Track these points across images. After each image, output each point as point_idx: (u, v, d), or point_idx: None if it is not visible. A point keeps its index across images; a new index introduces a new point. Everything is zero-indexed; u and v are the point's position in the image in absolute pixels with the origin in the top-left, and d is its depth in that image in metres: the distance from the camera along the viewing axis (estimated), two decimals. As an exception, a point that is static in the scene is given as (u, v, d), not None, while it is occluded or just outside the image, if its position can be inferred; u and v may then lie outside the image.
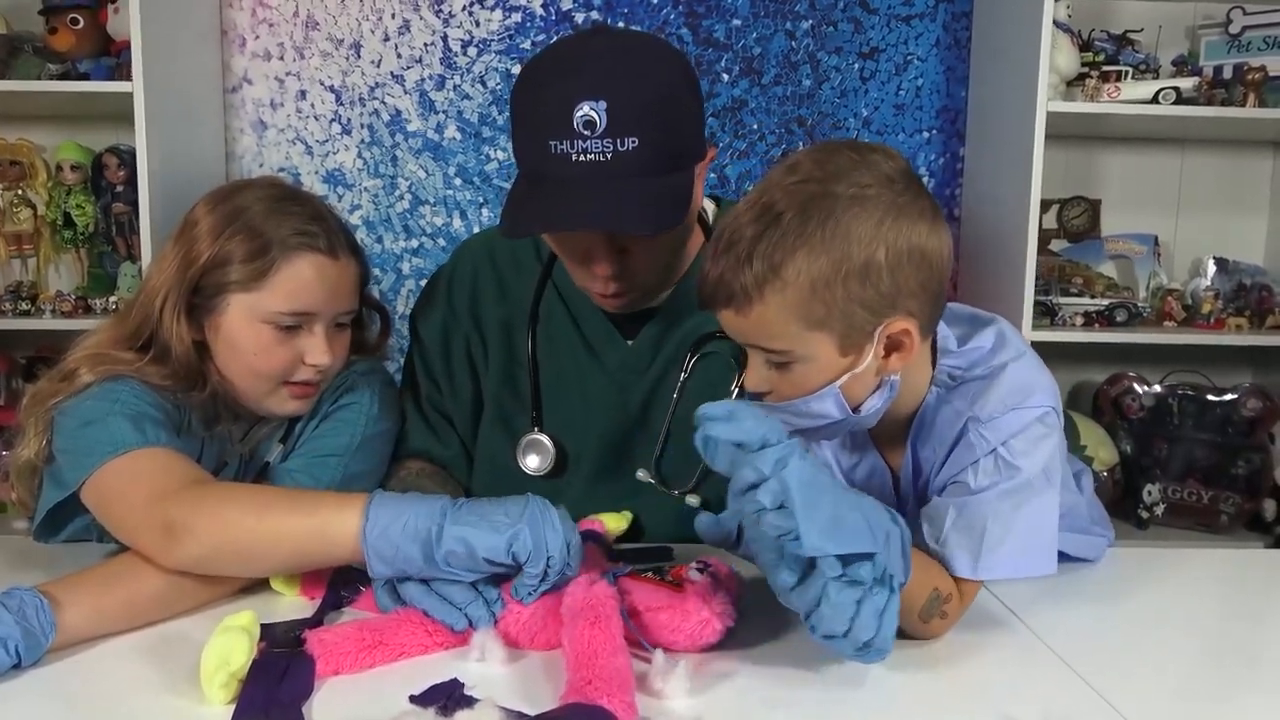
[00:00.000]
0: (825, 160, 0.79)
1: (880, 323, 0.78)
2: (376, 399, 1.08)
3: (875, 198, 0.77)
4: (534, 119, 0.95)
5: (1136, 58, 2.11)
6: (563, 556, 0.79)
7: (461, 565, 0.79)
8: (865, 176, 0.78)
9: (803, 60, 2.27)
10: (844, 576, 0.68)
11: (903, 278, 0.78)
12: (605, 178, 0.92)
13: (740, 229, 0.79)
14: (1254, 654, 0.84)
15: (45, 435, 0.96)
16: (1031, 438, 0.82)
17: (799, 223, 0.76)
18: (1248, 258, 2.30)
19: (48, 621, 0.76)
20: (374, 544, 0.80)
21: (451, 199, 2.27)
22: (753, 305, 0.78)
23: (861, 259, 0.76)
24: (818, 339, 0.79)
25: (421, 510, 0.80)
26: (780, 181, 0.79)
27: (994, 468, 0.81)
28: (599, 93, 0.91)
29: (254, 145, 2.24)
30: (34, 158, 2.15)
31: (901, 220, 0.77)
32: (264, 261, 0.97)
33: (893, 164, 0.80)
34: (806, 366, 0.80)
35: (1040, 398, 0.83)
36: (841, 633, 0.69)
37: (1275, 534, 2.10)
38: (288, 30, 2.21)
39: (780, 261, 0.76)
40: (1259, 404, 2.11)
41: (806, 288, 0.76)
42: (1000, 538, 0.80)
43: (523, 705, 0.67)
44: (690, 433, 1.09)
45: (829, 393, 0.80)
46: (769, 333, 0.79)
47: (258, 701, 0.68)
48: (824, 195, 0.77)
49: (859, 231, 0.76)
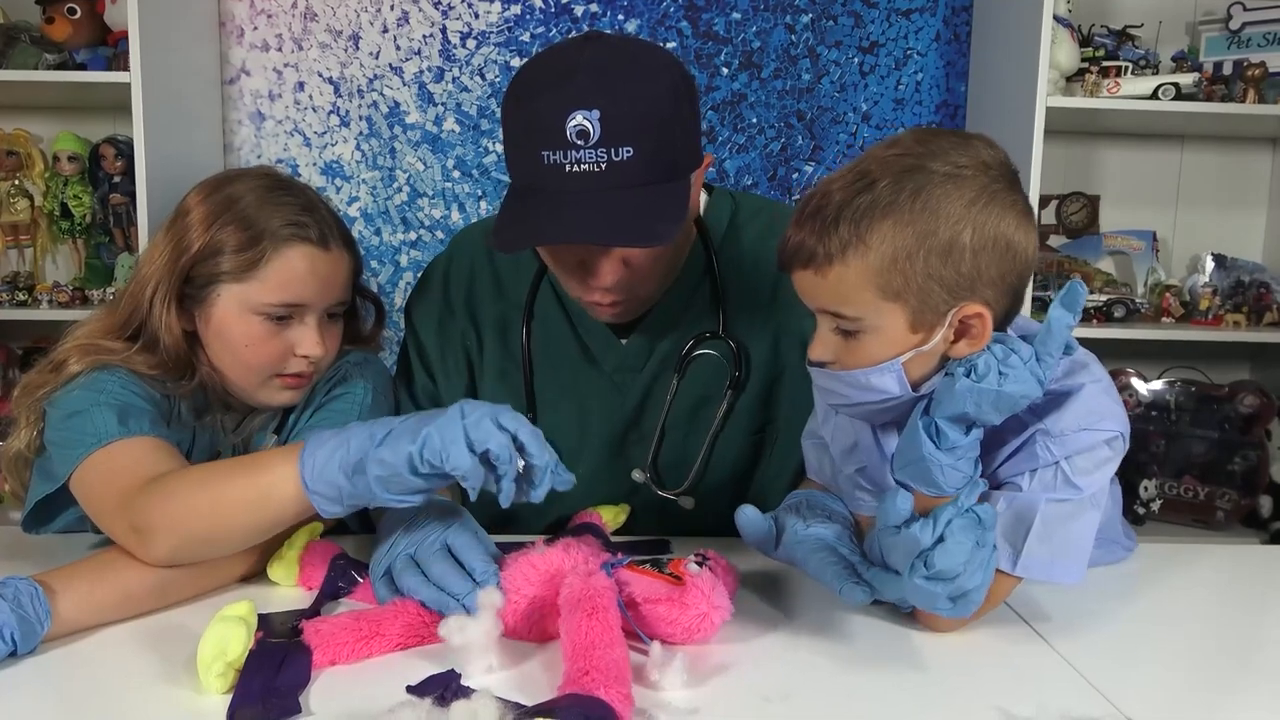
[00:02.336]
0: (927, 139, 0.80)
1: (955, 304, 0.78)
2: (370, 389, 1.07)
3: (970, 179, 0.77)
4: (525, 129, 0.93)
5: (1136, 53, 2.11)
6: (501, 446, 0.76)
7: (398, 488, 0.77)
8: (963, 158, 0.78)
9: (802, 54, 2.27)
10: (970, 511, 0.72)
11: (984, 263, 0.77)
12: (599, 189, 0.90)
13: (830, 194, 0.79)
14: (1250, 650, 0.84)
15: (36, 426, 0.96)
16: (1096, 459, 0.82)
17: (891, 191, 0.77)
18: (1246, 254, 2.30)
19: (43, 610, 0.76)
20: (314, 487, 0.80)
21: (450, 191, 2.26)
22: (832, 265, 0.78)
23: (947, 236, 0.76)
24: (891, 310, 0.78)
25: (353, 441, 0.79)
26: (878, 154, 0.80)
27: (1052, 480, 0.81)
28: (592, 102, 0.89)
29: (252, 137, 2.23)
30: (31, 148, 2.14)
31: (992, 206, 0.77)
32: (255, 252, 0.96)
33: (993, 153, 0.80)
34: (874, 338, 0.80)
35: (1112, 423, 0.82)
36: (954, 573, 0.71)
37: (1271, 530, 2.11)
38: (286, 21, 2.21)
39: (867, 227, 0.77)
40: (1256, 400, 2.11)
41: (889, 256, 0.76)
42: (1042, 540, 0.81)
43: (519, 696, 0.67)
44: (684, 433, 1.12)
45: (891, 367, 0.80)
46: (844, 296, 0.79)
47: (254, 691, 0.68)
48: (919, 169, 0.77)
49: (948, 209, 0.76)
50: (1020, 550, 0.81)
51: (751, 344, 1.12)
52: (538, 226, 0.93)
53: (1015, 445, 0.84)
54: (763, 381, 1.12)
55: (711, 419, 1.11)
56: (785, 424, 1.13)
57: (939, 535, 0.72)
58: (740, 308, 1.12)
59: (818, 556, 0.83)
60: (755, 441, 1.13)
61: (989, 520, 0.73)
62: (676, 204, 0.95)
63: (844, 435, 0.93)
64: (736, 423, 1.12)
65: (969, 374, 0.74)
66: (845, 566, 0.81)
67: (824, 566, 0.82)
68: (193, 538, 0.84)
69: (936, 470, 0.76)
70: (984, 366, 0.74)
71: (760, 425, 1.13)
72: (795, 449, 1.12)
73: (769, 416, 1.13)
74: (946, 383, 0.76)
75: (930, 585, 0.72)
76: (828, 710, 0.71)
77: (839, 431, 0.94)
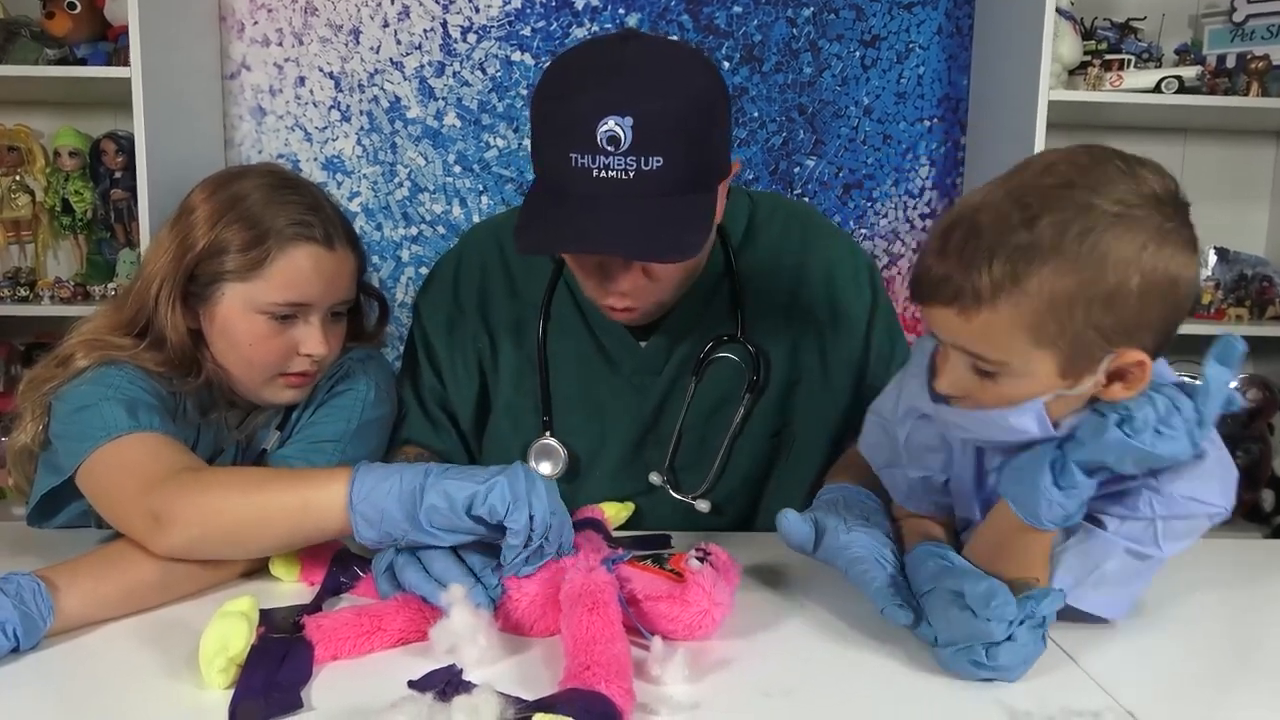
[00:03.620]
0: (1091, 168, 0.72)
1: (1112, 351, 0.71)
2: (373, 385, 1.07)
3: (1142, 220, 0.69)
4: (556, 128, 0.90)
5: (1139, 46, 2.10)
6: (545, 519, 0.77)
7: (444, 523, 0.78)
8: (1133, 195, 0.70)
9: (804, 48, 2.26)
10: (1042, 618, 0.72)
11: (1149, 309, 0.70)
12: (627, 196, 0.88)
13: (978, 227, 0.71)
14: (1252, 644, 0.84)
15: (41, 420, 0.96)
16: (1191, 530, 0.79)
17: (1054, 232, 0.68)
18: (1249, 248, 2.29)
19: (46, 606, 0.76)
20: (359, 507, 0.80)
21: (451, 186, 2.26)
22: (980, 310, 0.71)
23: (1113, 284, 0.69)
24: (1040, 357, 0.71)
25: (408, 473, 0.80)
26: (1035, 181, 0.72)
27: (1142, 534, 0.78)
28: (627, 108, 0.86)
29: (253, 132, 2.23)
30: (32, 143, 2.15)
31: (1165, 249, 0.69)
32: (260, 251, 0.96)
33: (1163, 183, 0.71)
34: (1018, 382, 0.73)
35: (1221, 499, 0.78)
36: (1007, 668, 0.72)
37: (1273, 525, 2.11)
38: (286, 16, 2.20)
39: (1025, 270, 0.69)
40: (1258, 395, 2.11)
41: (1046, 304, 0.69)
42: (1104, 582, 0.80)
43: (521, 691, 0.67)
44: (702, 436, 1.11)
45: (1031, 407, 0.73)
46: (990, 342, 0.72)
47: (256, 686, 0.68)
48: (1087, 209, 0.69)
49: (1118, 254, 0.68)
50: (1082, 583, 0.79)
51: (770, 347, 1.11)
52: (562, 232, 0.91)
53: (1116, 487, 0.79)
54: (781, 385, 1.11)
55: (729, 422, 1.10)
56: (802, 428, 1.12)
57: (1008, 634, 0.71)
58: (759, 310, 1.11)
59: (859, 568, 0.82)
60: (772, 445, 1.13)
61: (1051, 619, 0.73)
62: (704, 215, 0.93)
63: (925, 437, 0.87)
64: (754, 426, 1.11)
65: (1122, 424, 0.68)
66: (888, 583, 0.80)
67: (867, 580, 0.80)
68: (217, 534, 0.84)
69: (1045, 505, 0.72)
70: (1141, 422, 0.68)
71: (777, 429, 1.12)
72: (812, 453, 1.12)
73: (785, 420, 1.12)
74: (1094, 424, 0.70)
75: (978, 670, 0.72)
76: (828, 705, 0.71)
77: (917, 432, 0.88)
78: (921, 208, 2.34)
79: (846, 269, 1.14)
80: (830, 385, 1.12)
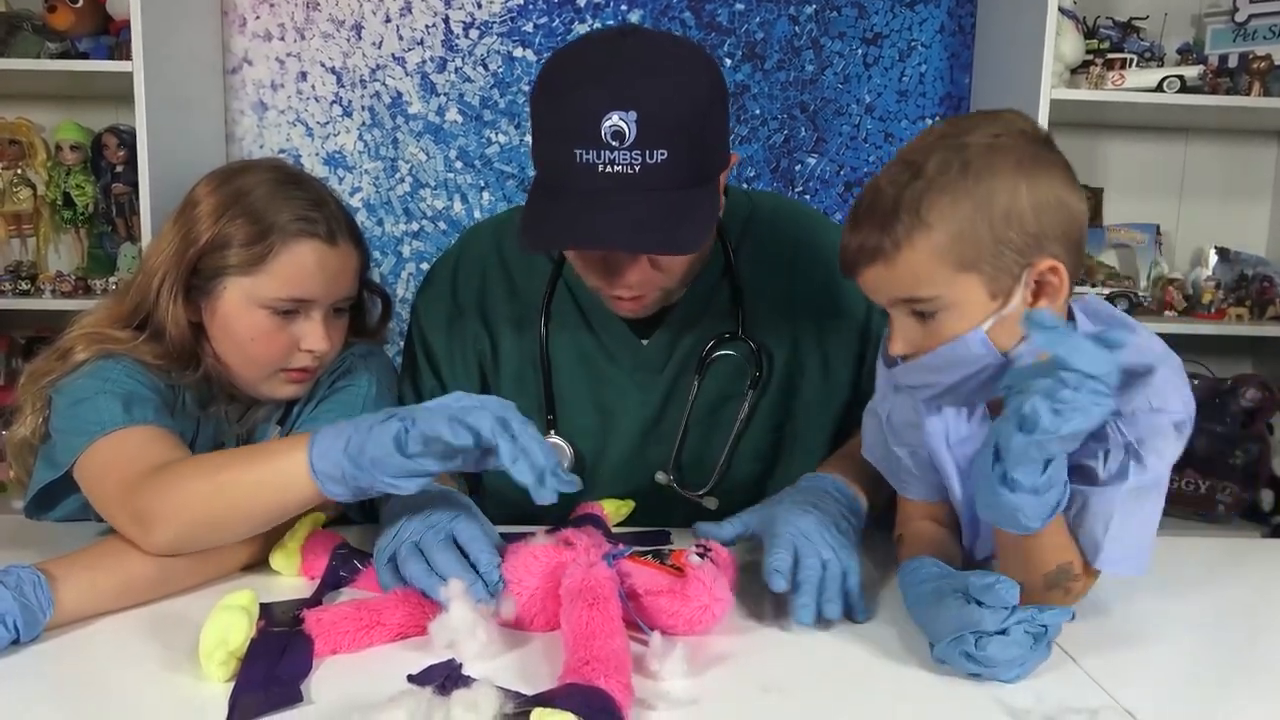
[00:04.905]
0: (958, 120, 0.82)
1: (1028, 263, 0.79)
2: (374, 381, 1.07)
3: (1010, 146, 0.79)
4: (558, 125, 0.90)
5: (1141, 45, 2.10)
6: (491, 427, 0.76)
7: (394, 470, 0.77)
8: (998, 128, 0.80)
9: (806, 45, 2.26)
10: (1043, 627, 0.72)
11: (1046, 221, 0.78)
12: (633, 191, 0.88)
13: (880, 189, 0.80)
14: (1249, 643, 0.84)
15: (41, 414, 0.96)
16: (1166, 440, 0.81)
17: (938, 171, 0.78)
18: (1250, 248, 2.29)
19: (45, 598, 0.76)
20: (319, 466, 0.80)
21: (452, 182, 2.26)
22: (900, 253, 0.79)
23: (1004, 200, 0.77)
24: (967, 282, 0.79)
25: (360, 425, 0.80)
26: (914, 145, 0.82)
27: (1123, 459, 0.80)
28: (630, 103, 0.86)
29: (254, 126, 2.23)
30: (33, 137, 2.14)
31: (1039, 167, 0.78)
32: (263, 246, 0.96)
33: (1025, 122, 0.81)
34: (953, 313, 0.80)
35: (1181, 406, 0.81)
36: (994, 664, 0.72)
37: (1272, 524, 2.11)
38: (288, 11, 2.20)
39: (925, 208, 0.77)
40: (1258, 394, 2.11)
41: (954, 230, 0.77)
42: (1120, 534, 0.80)
43: (520, 685, 0.67)
44: (706, 433, 1.11)
45: (974, 335, 0.79)
46: (918, 279, 0.79)
47: (256, 680, 0.68)
48: (959, 146, 0.78)
49: (999, 174, 0.77)
50: (1101, 546, 0.80)
51: (771, 343, 1.11)
52: (568, 228, 0.91)
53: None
54: (782, 380, 1.12)
55: (732, 419, 1.10)
56: (804, 426, 1.13)
57: (1003, 628, 0.71)
58: (759, 307, 1.11)
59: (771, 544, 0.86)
60: (775, 440, 1.13)
61: (1054, 632, 0.73)
62: (708, 208, 0.94)
63: (904, 413, 0.92)
64: (758, 423, 1.11)
65: (1022, 426, 0.69)
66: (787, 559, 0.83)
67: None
68: (195, 524, 0.84)
69: (1022, 516, 0.73)
70: (1031, 411, 0.68)
71: (779, 424, 1.12)
72: (814, 449, 1.12)
73: (787, 415, 1.13)
74: (1004, 435, 0.71)
75: (968, 664, 0.72)
76: (826, 700, 0.71)
77: (896, 411, 0.93)
78: (922, 206, 2.34)
79: None
80: (830, 380, 1.12)
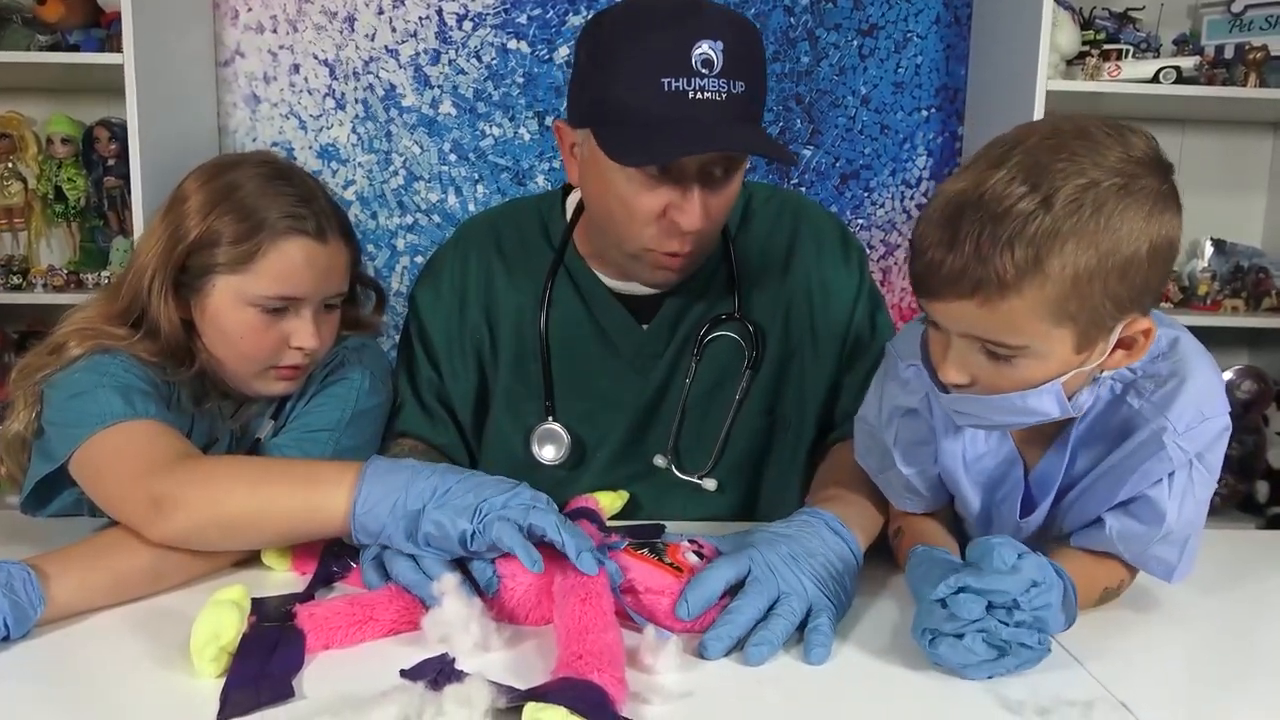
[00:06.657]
0: (1086, 133, 0.72)
1: (1122, 319, 0.73)
2: (368, 375, 1.07)
3: (1145, 188, 0.70)
4: (644, 58, 0.93)
5: (1137, 36, 2.10)
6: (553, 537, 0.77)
7: (440, 545, 0.79)
8: (1128, 162, 0.71)
9: (801, 37, 2.25)
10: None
11: (1154, 273, 0.72)
12: (720, 115, 0.92)
13: (990, 210, 0.69)
14: (1245, 634, 0.85)
15: (34, 408, 0.95)
16: (1221, 448, 0.79)
17: (1067, 210, 0.68)
18: (1246, 239, 2.30)
19: (36, 595, 0.76)
20: (361, 519, 0.81)
21: (446, 175, 2.25)
22: (1005, 300, 0.70)
23: (1128, 253, 0.69)
24: (1059, 335, 0.72)
25: (413, 490, 0.80)
26: (1035, 146, 0.71)
27: (1188, 479, 0.78)
28: (718, 33, 0.92)
29: (247, 119, 2.22)
30: (24, 130, 2.13)
31: (1166, 212, 0.71)
32: (251, 244, 0.95)
33: (1147, 144, 0.73)
34: (1034, 362, 0.73)
35: (1223, 405, 0.79)
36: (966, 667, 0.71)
37: (1268, 515, 2.11)
38: (280, 3, 2.19)
39: (1046, 253, 0.68)
40: (1254, 386, 2.11)
41: (1069, 285, 0.69)
42: (1191, 548, 0.81)
43: (513, 680, 0.67)
44: (703, 414, 1.12)
45: (1051, 389, 0.74)
46: (1013, 328, 0.71)
47: (248, 675, 0.68)
48: (1091, 184, 0.69)
49: (1130, 225, 0.69)
50: (1179, 563, 0.81)
51: (766, 324, 1.13)
52: (691, 138, 0.92)
53: (1132, 446, 0.79)
54: (775, 361, 1.13)
55: (729, 400, 1.12)
56: (795, 406, 1.14)
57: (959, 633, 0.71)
58: (755, 290, 1.14)
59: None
60: (768, 421, 1.14)
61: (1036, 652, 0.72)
62: (773, 143, 1.02)
63: (912, 433, 0.89)
64: (752, 403, 1.13)
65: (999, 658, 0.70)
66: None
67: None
68: (215, 523, 0.84)
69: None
70: (970, 643, 0.69)
71: (771, 406, 1.14)
72: (807, 431, 1.14)
73: (779, 395, 1.14)
74: (939, 618, 0.71)
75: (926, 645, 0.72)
76: (821, 692, 0.71)
77: (905, 430, 0.89)
78: (919, 198, 2.34)
79: (837, 249, 1.17)
80: (820, 360, 1.15)
